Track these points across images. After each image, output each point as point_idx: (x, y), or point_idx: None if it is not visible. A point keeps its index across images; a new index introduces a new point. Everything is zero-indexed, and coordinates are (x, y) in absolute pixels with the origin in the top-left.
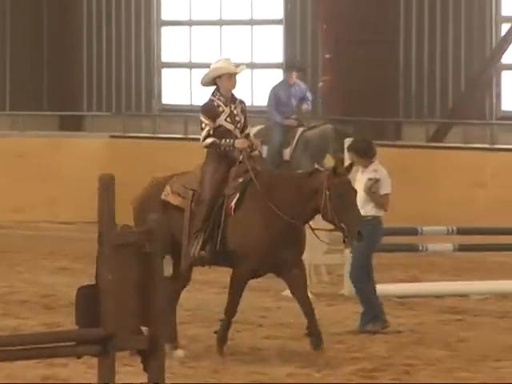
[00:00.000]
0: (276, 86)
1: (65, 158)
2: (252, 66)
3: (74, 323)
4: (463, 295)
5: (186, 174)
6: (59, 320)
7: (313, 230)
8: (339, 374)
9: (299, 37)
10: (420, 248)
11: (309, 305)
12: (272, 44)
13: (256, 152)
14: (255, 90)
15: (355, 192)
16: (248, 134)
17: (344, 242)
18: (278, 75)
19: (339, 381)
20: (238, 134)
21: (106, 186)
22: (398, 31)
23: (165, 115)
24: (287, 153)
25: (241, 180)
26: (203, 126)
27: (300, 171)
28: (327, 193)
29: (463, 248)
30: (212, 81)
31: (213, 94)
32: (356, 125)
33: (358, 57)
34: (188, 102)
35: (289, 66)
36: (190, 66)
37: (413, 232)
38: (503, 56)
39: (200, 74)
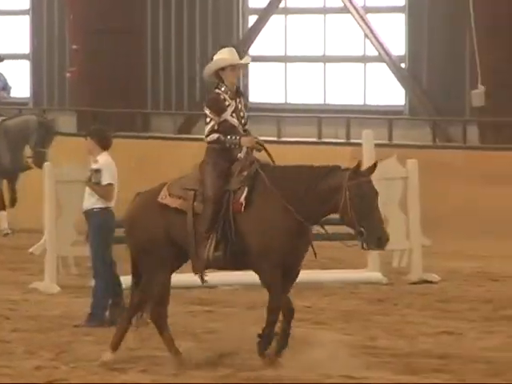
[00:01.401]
0: None
1: None
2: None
3: None
4: (212, 287)
5: (182, 177)
6: None
7: (323, 227)
8: (88, 366)
9: (46, 27)
10: None
11: (292, 312)
12: (19, 34)
13: (259, 150)
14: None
15: (377, 194)
16: (247, 130)
17: (362, 247)
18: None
19: (88, 373)
20: (241, 130)
21: None
22: (145, 21)
23: None
24: None
25: (246, 174)
26: (208, 120)
27: (309, 165)
28: (347, 193)
29: None
30: (215, 73)
31: (217, 87)
32: (103, 116)
33: (106, 47)
34: None
35: None
36: None
37: None
38: (250, 47)
39: None
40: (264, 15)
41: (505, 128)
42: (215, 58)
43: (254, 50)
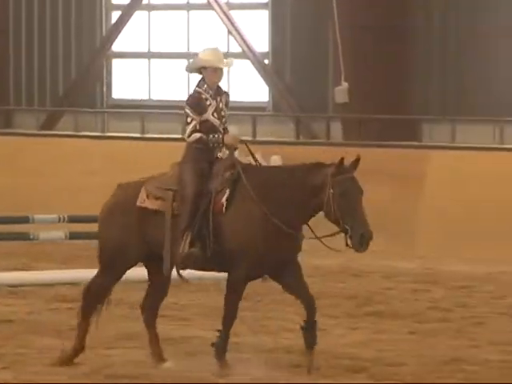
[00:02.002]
0: None
1: None
2: None
3: None
4: (75, 283)
5: (159, 176)
6: None
7: (318, 238)
8: None
9: None
10: (31, 236)
11: (311, 300)
12: None
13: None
14: None
15: (361, 191)
16: (226, 129)
17: (347, 244)
18: None
19: None
20: (221, 130)
21: None
22: (7, 18)
23: None
24: None
25: (228, 174)
26: (189, 120)
27: (292, 166)
28: (331, 191)
29: (74, 236)
30: (197, 70)
31: (199, 85)
32: None
33: None
34: None
35: None
36: None
37: (24, 220)
38: (113, 44)
39: None
40: (127, 11)
41: (368, 124)
42: (199, 56)
43: (117, 46)
